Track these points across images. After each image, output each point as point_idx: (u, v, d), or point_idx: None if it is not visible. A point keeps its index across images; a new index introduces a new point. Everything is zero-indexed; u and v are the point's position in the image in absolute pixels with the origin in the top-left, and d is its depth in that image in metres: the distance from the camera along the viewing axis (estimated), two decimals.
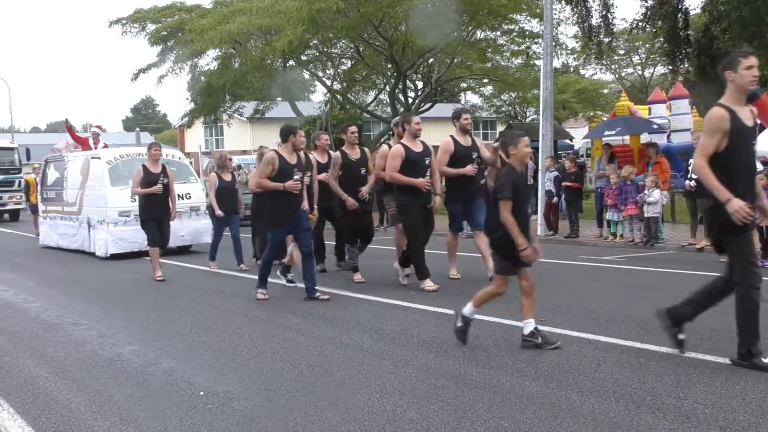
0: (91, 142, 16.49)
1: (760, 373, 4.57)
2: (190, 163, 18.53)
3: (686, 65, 22.00)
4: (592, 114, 37.36)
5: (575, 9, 20.64)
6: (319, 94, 45.88)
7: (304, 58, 27.08)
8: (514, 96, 33.93)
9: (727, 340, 5.33)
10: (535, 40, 24.20)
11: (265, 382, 4.81)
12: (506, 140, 5.68)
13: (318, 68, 29.34)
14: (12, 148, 26.42)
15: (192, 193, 13.68)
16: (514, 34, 25.25)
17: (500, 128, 37.54)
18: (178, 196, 11.60)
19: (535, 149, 13.03)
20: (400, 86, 27.22)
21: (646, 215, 12.02)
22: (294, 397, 4.46)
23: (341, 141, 10.43)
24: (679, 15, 19.82)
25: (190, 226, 13.32)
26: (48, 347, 6.09)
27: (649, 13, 20.30)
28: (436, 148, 8.56)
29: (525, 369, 4.89)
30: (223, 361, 5.42)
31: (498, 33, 25.67)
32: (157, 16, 27.97)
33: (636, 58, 47.12)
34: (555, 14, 18.60)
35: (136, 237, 12.36)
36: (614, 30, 21.95)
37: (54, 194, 15.21)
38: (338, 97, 28.52)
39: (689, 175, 11.14)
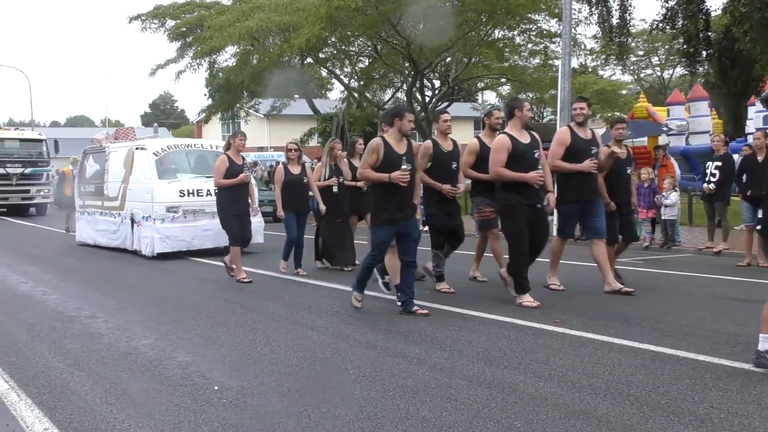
0: None
1: None
2: None
3: (706, 67, 21.82)
4: (609, 115, 37.13)
5: (594, 9, 20.55)
6: (336, 92, 45.94)
7: (321, 55, 27.17)
8: (531, 96, 33.81)
9: (744, 345, 5.30)
10: (553, 40, 24.15)
11: (279, 378, 4.83)
12: None
13: (335, 66, 29.42)
14: (40, 140, 25.54)
15: None
16: (532, 33, 25.19)
17: None
18: None
19: None
20: (418, 85, 27.23)
21: (663, 218, 11.95)
22: (307, 394, 4.48)
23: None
24: (700, 16, 19.67)
25: None
26: (65, 339, 6.15)
27: (669, 13, 20.17)
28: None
29: (539, 370, 4.87)
30: (237, 356, 5.45)
31: (516, 32, 25.63)
32: (177, 13, 28.27)
33: (655, 59, 46.83)
34: (574, 14, 18.50)
35: (183, 235, 11.80)
36: (631, 31, 21.82)
37: (93, 188, 14.23)
38: (355, 95, 28.58)
39: (707, 178, 11.05)
